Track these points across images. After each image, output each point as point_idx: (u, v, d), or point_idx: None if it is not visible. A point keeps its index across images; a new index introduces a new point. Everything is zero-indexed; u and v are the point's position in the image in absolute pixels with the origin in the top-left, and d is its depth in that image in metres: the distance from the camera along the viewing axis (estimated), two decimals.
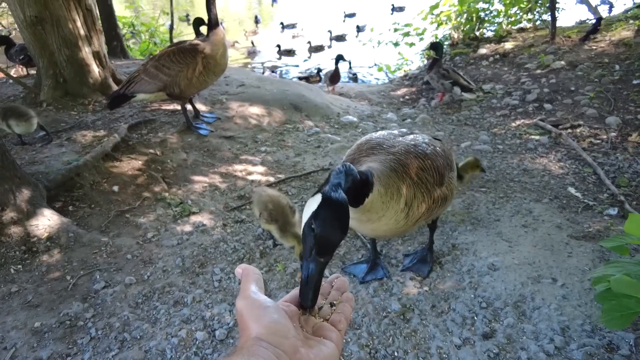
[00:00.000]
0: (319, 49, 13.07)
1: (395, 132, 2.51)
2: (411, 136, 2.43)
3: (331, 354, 0.76)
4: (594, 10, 9.53)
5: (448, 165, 2.41)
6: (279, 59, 12.75)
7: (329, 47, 13.70)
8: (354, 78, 10.09)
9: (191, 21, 5.73)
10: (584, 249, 2.92)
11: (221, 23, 4.34)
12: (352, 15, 17.01)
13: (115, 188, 3.76)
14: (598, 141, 4.58)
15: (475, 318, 2.52)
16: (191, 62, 4.13)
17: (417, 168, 2.20)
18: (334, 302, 0.90)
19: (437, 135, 3.53)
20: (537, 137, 4.82)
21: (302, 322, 0.82)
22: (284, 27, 15.89)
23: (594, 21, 7.27)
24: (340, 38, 14.21)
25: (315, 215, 1.02)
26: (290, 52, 12.89)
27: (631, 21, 7.21)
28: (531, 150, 4.61)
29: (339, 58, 7.22)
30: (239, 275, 0.81)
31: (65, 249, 3.09)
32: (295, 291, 0.89)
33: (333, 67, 7.26)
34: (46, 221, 3.15)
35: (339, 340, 0.81)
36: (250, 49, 13.42)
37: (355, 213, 1.96)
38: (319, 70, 9.22)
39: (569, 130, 4.83)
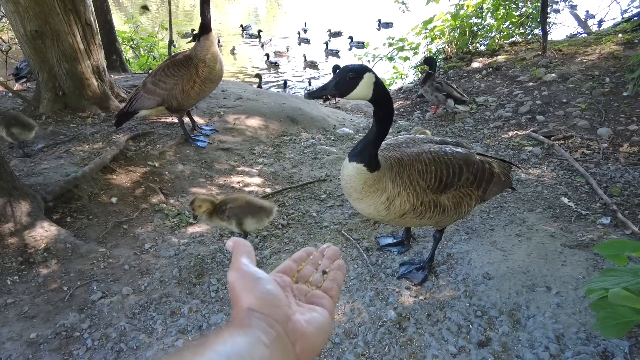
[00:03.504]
0: (313, 64, 13.24)
1: (437, 139, 2.58)
2: (439, 145, 2.48)
3: (324, 320, 0.77)
4: (583, 25, 9.76)
5: (466, 180, 2.44)
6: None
7: (326, 60, 13.90)
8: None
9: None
10: (578, 258, 2.95)
11: (219, 40, 4.38)
12: (337, 34, 16.97)
13: (114, 199, 3.78)
14: (590, 152, 4.64)
15: (471, 326, 2.53)
16: (185, 73, 4.16)
17: (414, 170, 2.31)
18: (326, 270, 0.90)
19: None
20: (530, 148, 4.89)
21: (294, 291, 0.82)
22: (262, 45, 15.89)
23: (584, 35, 7.43)
24: (334, 54, 14.42)
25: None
26: (274, 65, 13.18)
27: (620, 35, 7.38)
28: (524, 161, 4.67)
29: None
30: (230, 249, 0.81)
31: (62, 260, 3.09)
32: (288, 262, 0.90)
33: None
34: (44, 232, 3.16)
35: (332, 306, 0.82)
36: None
37: (345, 182, 2.29)
38: (310, 82, 9.39)
39: (562, 141, 4.90)
